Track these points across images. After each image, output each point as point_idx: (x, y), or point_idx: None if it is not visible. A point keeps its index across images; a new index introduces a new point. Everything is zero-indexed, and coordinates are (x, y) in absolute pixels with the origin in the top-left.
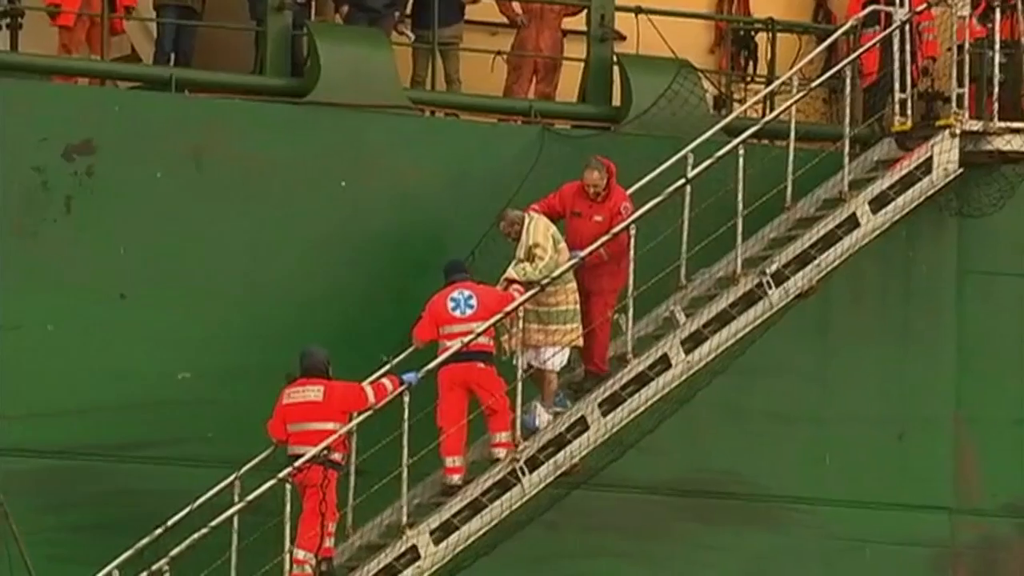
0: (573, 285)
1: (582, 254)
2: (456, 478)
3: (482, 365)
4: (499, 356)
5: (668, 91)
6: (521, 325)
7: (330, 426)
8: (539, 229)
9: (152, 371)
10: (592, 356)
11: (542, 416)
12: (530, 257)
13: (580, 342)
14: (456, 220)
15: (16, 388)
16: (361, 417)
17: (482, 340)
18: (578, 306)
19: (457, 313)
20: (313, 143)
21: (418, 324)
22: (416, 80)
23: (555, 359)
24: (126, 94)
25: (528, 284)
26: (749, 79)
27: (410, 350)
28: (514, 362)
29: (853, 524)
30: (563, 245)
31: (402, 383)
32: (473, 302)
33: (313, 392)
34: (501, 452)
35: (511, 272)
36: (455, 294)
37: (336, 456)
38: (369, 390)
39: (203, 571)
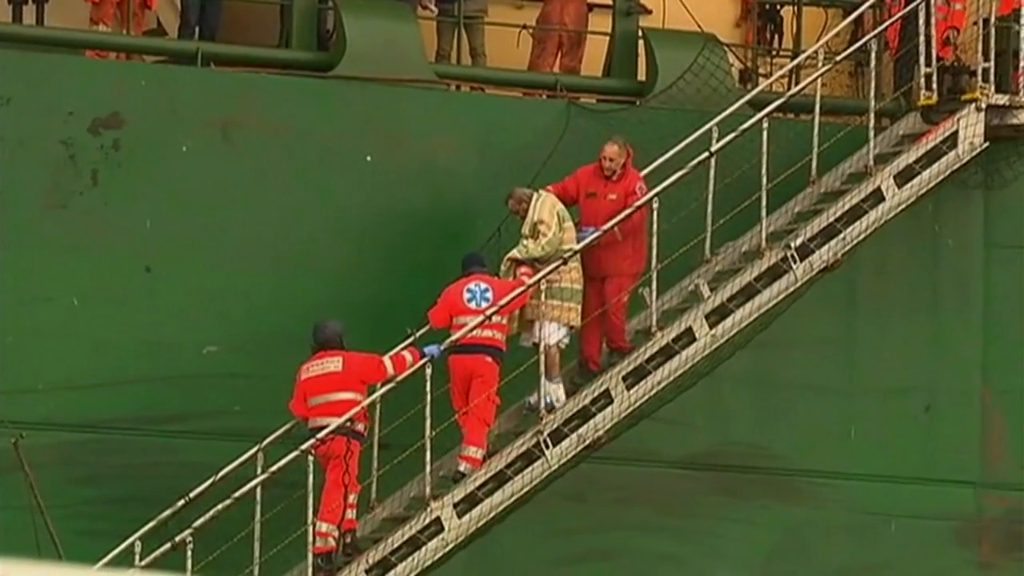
0: (577, 265)
1: (597, 232)
2: (465, 466)
3: (490, 359)
4: (514, 335)
5: (694, 65)
6: (543, 299)
7: (350, 396)
8: (545, 206)
9: (178, 344)
10: (612, 338)
11: (552, 393)
12: (534, 234)
13: (578, 322)
14: (481, 194)
15: (42, 361)
16: (384, 388)
17: (494, 335)
18: (580, 286)
19: (472, 305)
20: (339, 117)
21: (433, 308)
22: (441, 54)
23: (551, 333)
24: (152, 68)
25: (532, 262)
26: (775, 53)
27: None
28: (521, 342)
29: (879, 497)
30: (569, 224)
31: (423, 355)
32: (489, 295)
33: (332, 363)
34: (465, 466)
35: (514, 252)
36: (472, 285)
37: (359, 427)
38: (388, 361)
39: (227, 544)
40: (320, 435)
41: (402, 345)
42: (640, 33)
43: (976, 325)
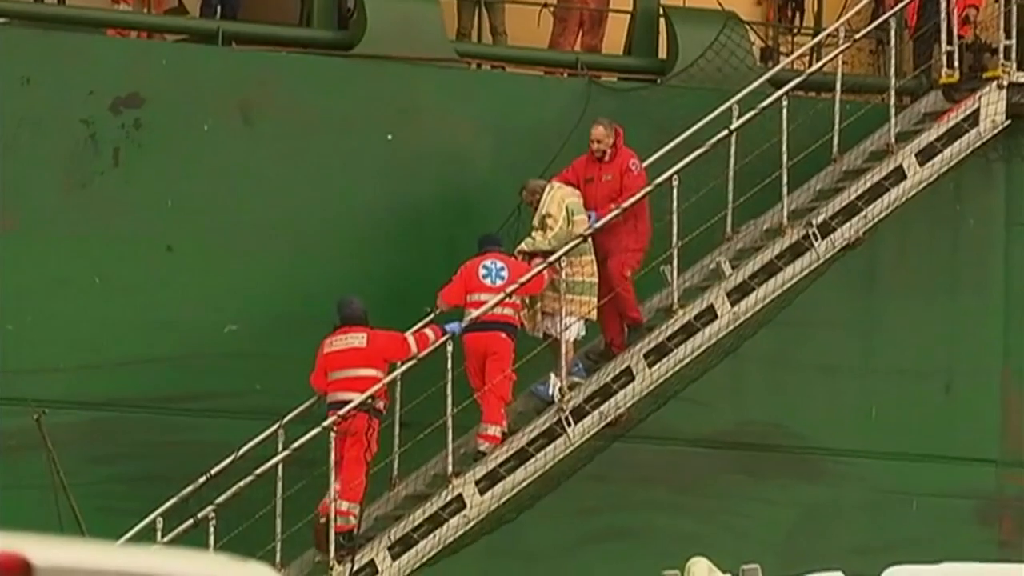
0: (591, 258)
1: (597, 224)
2: (485, 445)
3: (504, 336)
4: (527, 331)
5: (715, 43)
6: (563, 290)
7: (372, 373)
8: (554, 199)
9: (198, 324)
10: (624, 311)
11: (556, 385)
12: (543, 226)
13: (594, 315)
14: (502, 173)
15: (64, 341)
16: (405, 366)
17: (509, 312)
18: (595, 279)
19: (487, 282)
20: (359, 96)
21: (447, 287)
22: (462, 32)
23: (570, 329)
24: (173, 47)
25: (543, 255)
26: (796, 31)
27: None
28: (531, 332)
29: (899, 477)
30: (579, 218)
31: (444, 333)
32: (504, 273)
33: (357, 339)
34: (485, 445)
35: (523, 244)
36: (487, 263)
37: (379, 404)
38: (411, 339)
39: (248, 521)
40: (343, 411)
41: (423, 323)
42: (661, 11)
43: (997, 304)
